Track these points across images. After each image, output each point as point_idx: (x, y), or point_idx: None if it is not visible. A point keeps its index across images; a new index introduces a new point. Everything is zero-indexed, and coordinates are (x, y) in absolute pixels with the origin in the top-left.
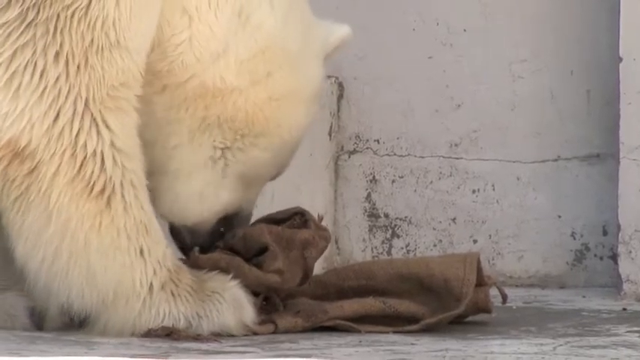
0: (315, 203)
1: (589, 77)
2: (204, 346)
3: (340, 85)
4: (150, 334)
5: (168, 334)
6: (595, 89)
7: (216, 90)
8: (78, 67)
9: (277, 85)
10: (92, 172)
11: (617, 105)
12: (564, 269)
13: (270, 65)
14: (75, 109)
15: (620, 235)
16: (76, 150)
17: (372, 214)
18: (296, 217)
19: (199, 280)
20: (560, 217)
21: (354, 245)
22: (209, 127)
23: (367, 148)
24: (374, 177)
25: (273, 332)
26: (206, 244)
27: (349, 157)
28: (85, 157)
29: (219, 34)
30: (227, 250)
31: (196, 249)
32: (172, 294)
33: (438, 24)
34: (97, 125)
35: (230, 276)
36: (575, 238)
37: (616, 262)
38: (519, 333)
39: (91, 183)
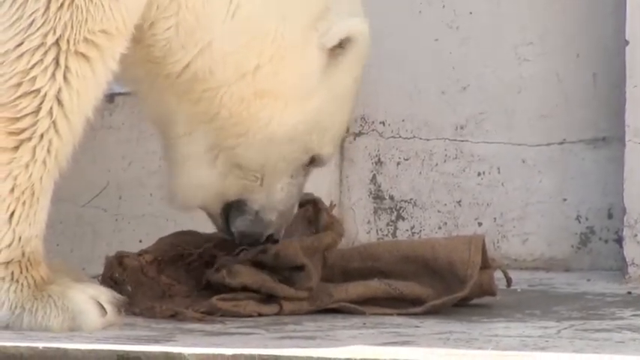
0: (321, 185)
1: (595, 60)
2: (208, 327)
3: None
4: (154, 314)
5: (173, 314)
6: (601, 72)
7: (205, 83)
8: (61, 4)
9: (264, 80)
10: (24, 107)
11: (623, 88)
12: (569, 252)
13: (259, 58)
14: (42, 42)
15: (625, 218)
16: (23, 80)
17: (378, 196)
18: (309, 206)
19: (47, 280)
20: (565, 200)
21: (359, 227)
22: (201, 123)
23: (373, 130)
24: (379, 159)
25: (278, 314)
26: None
27: (355, 139)
28: (27, 91)
29: (205, 24)
30: (256, 264)
31: (224, 270)
32: (12, 275)
33: (444, 6)
34: (57, 65)
35: (76, 286)
36: (580, 222)
37: (621, 246)
38: (524, 316)
39: (17, 116)
